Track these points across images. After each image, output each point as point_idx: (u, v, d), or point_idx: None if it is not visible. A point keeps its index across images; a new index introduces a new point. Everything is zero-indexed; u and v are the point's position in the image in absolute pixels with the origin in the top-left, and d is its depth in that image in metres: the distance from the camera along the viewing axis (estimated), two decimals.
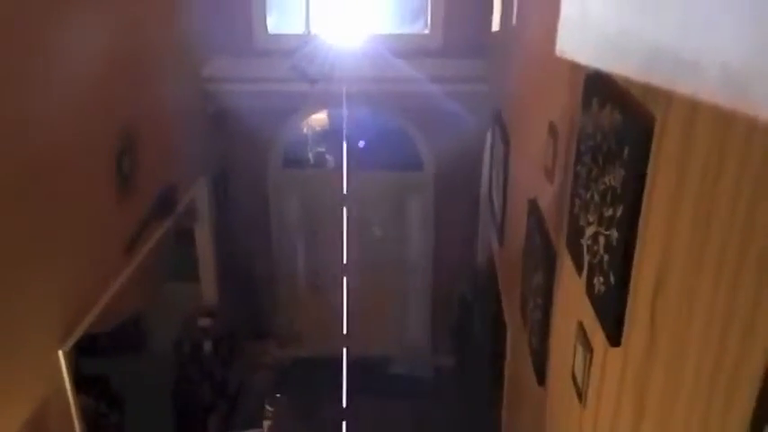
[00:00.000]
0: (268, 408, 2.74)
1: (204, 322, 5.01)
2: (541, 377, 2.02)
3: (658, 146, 1.06)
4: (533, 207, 2.19)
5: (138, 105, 3.62)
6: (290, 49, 3.40)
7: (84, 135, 3.01)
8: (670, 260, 1.01)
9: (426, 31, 4.84)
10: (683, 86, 1.01)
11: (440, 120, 4.93)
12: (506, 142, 3.10)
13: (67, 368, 2.94)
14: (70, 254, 2.93)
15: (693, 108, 0.94)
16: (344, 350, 5.58)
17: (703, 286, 0.88)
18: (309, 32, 3.24)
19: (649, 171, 1.09)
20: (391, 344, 5.81)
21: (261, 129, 5.24)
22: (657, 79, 1.12)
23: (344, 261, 5.63)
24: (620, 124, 1.19)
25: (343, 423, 4.90)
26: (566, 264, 1.66)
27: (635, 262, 1.16)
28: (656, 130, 1.06)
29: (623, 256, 1.17)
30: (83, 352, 4.46)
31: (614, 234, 1.21)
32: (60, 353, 2.88)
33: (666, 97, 1.03)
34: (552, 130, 1.92)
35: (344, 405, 5.16)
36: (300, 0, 4.77)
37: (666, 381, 1.00)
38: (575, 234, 1.51)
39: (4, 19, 2.39)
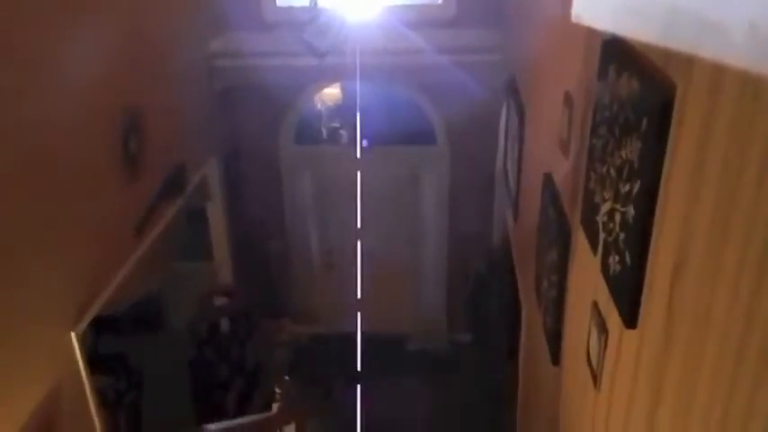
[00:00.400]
0: (277, 390, 2.72)
1: (220, 301, 5.02)
2: (556, 357, 1.96)
3: (679, 116, 0.97)
4: (548, 181, 2.11)
5: (144, 83, 3.56)
6: (300, 23, 3.31)
7: (88, 115, 2.96)
8: (690, 240, 0.93)
9: (439, 1, 4.70)
10: (707, 50, 0.92)
11: (454, 92, 4.82)
12: (521, 114, 3.00)
13: (80, 350, 2.95)
14: (80, 237, 2.91)
15: (718, 74, 0.85)
16: (359, 327, 5.56)
17: (726, 269, 0.81)
18: (318, 4, 3.14)
19: (669, 144, 1.01)
20: (406, 320, 5.79)
21: (272, 105, 5.17)
22: (678, 43, 1.03)
23: (359, 238, 5.58)
24: (637, 93, 1.10)
25: (358, 400, 4.91)
26: (580, 241, 1.59)
27: (652, 241, 1.08)
28: (678, 98, 0.98)
29: (640, 234, 1.10)
30: (102, 331, 4.51)
31: (631, 211, 1.13)
32: (73, 335, 2.88)
33: (688, 63, 0.95)
34: (568, 100, 1.83)
35: (359, 383, 5.16)
36: None
37: (685, 366, 0.94)
38: (590, 210, 1.43)
39: None
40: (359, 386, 5.17)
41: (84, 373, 2.98)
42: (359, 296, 5.67)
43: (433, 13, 4.70)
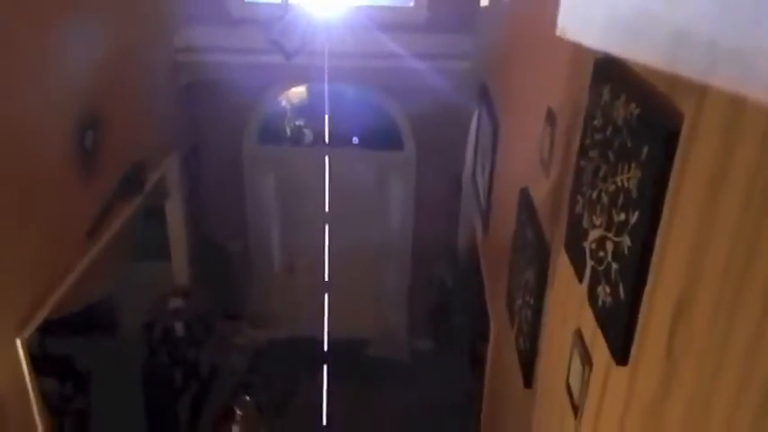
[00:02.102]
0: (237, 411, 2.61)
1: (176, 303, 4.84)
2: (529, 379, 1.91)
3: (687, 149, 0.92)
4: (525, 198, 2.06)
5: (103, 79, 3.39)
6: (268, 20, 3.19)
7: (42, 110, 2.79)
8: (698, 280, 0.88)
9: (411, 4, 4.64)
10: (721, 79, 0.87)
11: (423, 97, 4.76)
12: (494, 124, 2.95)
13: (26, 356, 2.78)
14: (29, 238, 2.74)
15: (736, 106, 0.80)
16: (325, 333, 5.46)
17: (744, 314, 0.75)
18: (287, 2, 3.03)
19: (673, 176, 0.95)
20: (368, 326, 5.71)
21: (235, 102, 5.02)
22: (685, 69, 0.97)
23: (325, 241, 5.47)
24: (638, 119, 1.05)
25: (323, 408, 4.81)
26: (562, 265, 1.54)
27: (650, 275, 1.03)
28: (685, 129, 0.92)
29: (637, 267, 1.04)
30: (51, 333, 4.28)
31: (626, 242, 1.08)
32: (18, 341, 2.71)
33: (699, 91, 0.89)
34: (550, 116, 1.78)
35: (324, 390, 5.06)
36: None
37: (687, 418, 0.88)
38: (575, 235, 1.38)
39: None
40: (320, 391, 5.06)
41: (28, 380, 2.82)
42: (322, 299, 5.56)
43: (404, 17, 4.64)
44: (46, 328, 3.86)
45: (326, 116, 5.18)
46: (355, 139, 5.38)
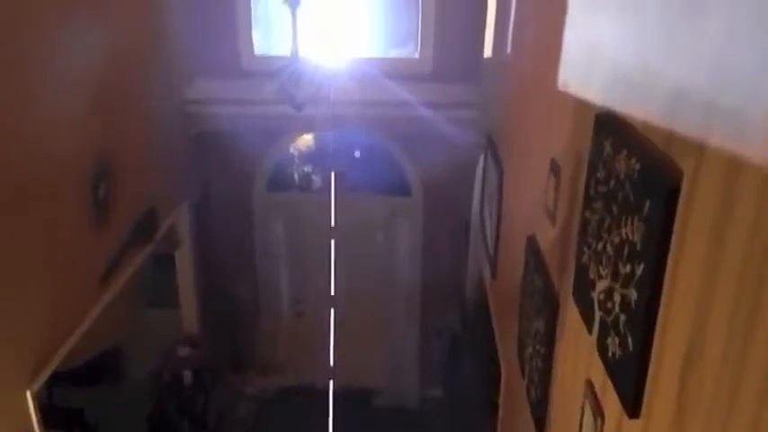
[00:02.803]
0: None
1: (184, 351, 4.83)
2: (541, 429, 1.89)
3: (687, 204, 0.94)
4: (532, 245, 2.08)
5: (116, 129, 3.48)
6: (278, 72, 3.29)
7: (56, 160, 2.86)
8: (705, 331, 0.89)
9: (416, 56, 4.76)
10: (719, 139, 0.90)
11: (429, 145, 4.85)
12: (500, 172, 3.00)
13: (35, 408, 2.77)
14: (40, 288, 2.77)
15: (735, 165, 0.82)
16: (331, 382, 5.40)
17: (751, 367, 0.76)
18: (296, 55, 3.13)
19: (676, 230, 0.98)
20: (377, 374, 5.65)
21: (245, 152, 5.11)
22: (684, 127, 1.01)
23: (332, 288, 5.48)
24: (639, 174, 1.08)
25: None
26: (571, 315, 1.55)
27: (658, 327, 1.04)
28: (685, 185, 0.95)
29: (644, 320, 1.05)
30: (60, 383, 4.26)
31: (633, 294, 1.09)
32: (28, 393, 2.70)
33: (698, 148, 0.92)
34: (554, 167, 1.82)
35: None
36: (288, 21, 4.67)
37: None
38: (583, 286, 1.39)
39: None
40: None
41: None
42: (330, 347, 5.52)
43: (410, 67, 4.75)
44: (55, 379, 3.86)
45: (332, 166, 5.27)
46: (362, 185, 5.44)
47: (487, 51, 3.97)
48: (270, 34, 4.98)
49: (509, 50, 2.92)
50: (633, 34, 1.18)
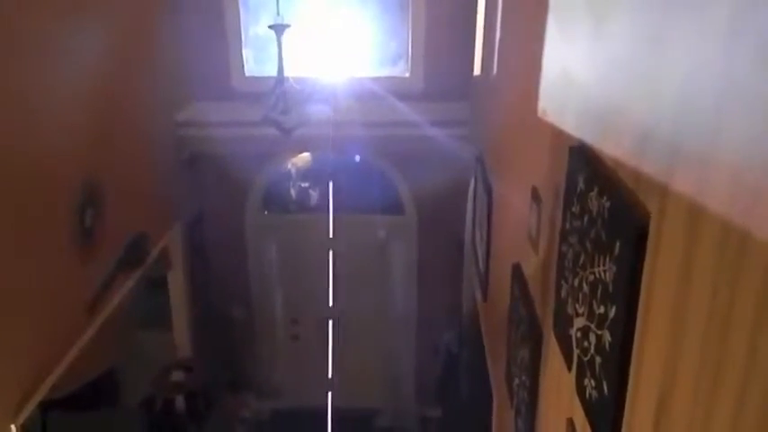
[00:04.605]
0: None
1: (178, 376, 4.78)
2: None
3: (655, 247, 0.91)
4: (517, 273, 2.05)
5: (106, 153, 3.46)
6: (266, 98, 3.28)
7: (41, 186, 2.83)
8: (676, 375, 0.86)
9: (407, 74, 4.75)
10: (680, 182, 0.87)
11: (422, 163, 4.83)
12: (489, 193, 2.97)
13: None
14: (24, 318, 2.73)
15: (697, 210, 0.79)
16: (329, 402, 5.34)
17: (720, 414, 0.73)
18: (282, 79, 3.11)
19: (645, 273, 0.94)
20: (375, 395, 5.58)
21: (239, 173, 5.09)
22: (649, 167, 0.98)
23: (330, 308, 5.43)
24: (609, 213, 1.05)
25: None
26: (552, 348, 1.51)
27: (632, 372, 1.00)
28: (652, 227, 0.92)
29: (618, 364, 1.02)
30: (51, 411, 4.21)
31: (607, 336, 1.06)
32: (13, 427, 2.66)
33: (663, 189, 0.89)
34: (535, 195, 1.79)
35: None
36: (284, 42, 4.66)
37: None
38: (562, 322, 1.36)
39: None
40: None
41: None
42: (328, 369, 5.47)
43: (401, 86, 4.74)
44: (46, 406, 3.81)
45: (329, 186, 5.25)
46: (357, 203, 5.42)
47: (477, 69, 3.95)
48: (262, 55, 4.97)
49: (495, 71, 2.90)
50: (602, 68, 1.16)
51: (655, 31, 0.91)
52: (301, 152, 5.25)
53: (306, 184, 5.88)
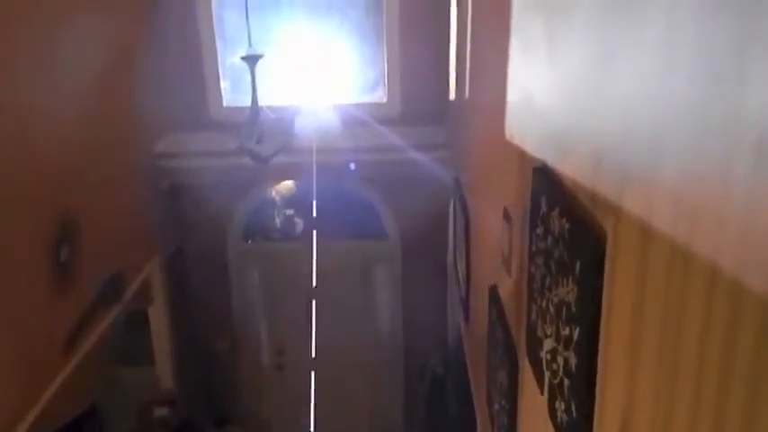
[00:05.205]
0: None
1: (161, 412, 4.68)
2: None
3: (612, 267, 0.91)
4: (494, 295, 2.04)
5: (82, 187, 3.43)
6: (241, 127, 3.28)
7: (13, 222, 2.79)
8: (636, 399, 0.85)
9: (384, 100, 4.79)
10: (630, 203, 0.88)
11: (402, 187, 4.84)
12: (466, 216, 2.98)
13: None
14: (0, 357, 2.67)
15: (645, 228, 0.80)
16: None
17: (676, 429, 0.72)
18: (256, 110, 3.12)
19: (605, 293, 0.94)
20: (363, 423, 5.51)
21: (219, 203, 5.07)
22: (604, 187, 0.99)
23: (315, 336, 5.37)
24: (569, 234, 1.05)
25: None
26: (527, 373, 1.50)
27: (597, 395, 0.99)
28: (609, 247, 0.92)
29: (584, 386, 1.01)
30: None
31: (573, 358, 1.05)
32: None
33: (616, 210, 0.90)
34: (507, 216, 1.79)
35: None
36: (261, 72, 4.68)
37: None
38: (534, 344, 1.35)
39: None
40: None
41: None
42: (314, 399, 5.39)
43: (379, 111, 4.78)
44: None
45: (314, 210, 5.23)
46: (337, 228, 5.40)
47: (451, 93, 3.99)
48: (239, 85, 4.99)
49: (467, 95, 2.93)
50: (557, 91, 1.17)
51: (600, 54, 0.92)
52: (281, 180, 5.24)
53: (290, 212, 5.86)
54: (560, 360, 1.13)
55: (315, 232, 5.24)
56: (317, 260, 5.30)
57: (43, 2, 3.07)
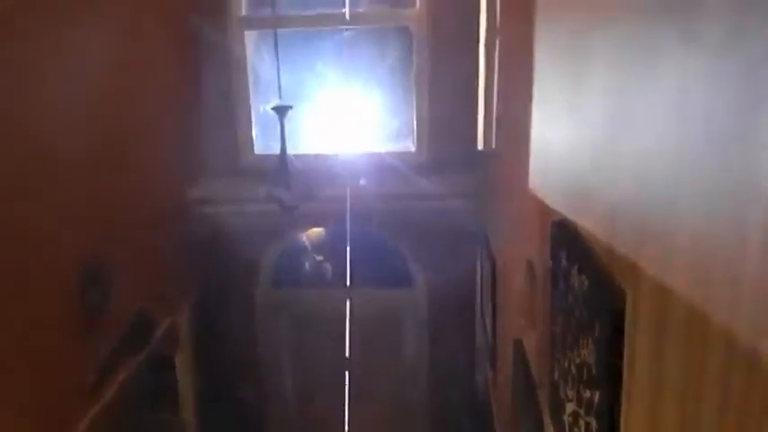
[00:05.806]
0: None
1: None
2: None
3: (632, 328, 0.88)
4: (519, 349, 1.98)
5: (113, 231, 3.48)
6: (269, 176, 3.33)
7: (43, 263, 2.83)
8: None
9: (412, 149, 4.82)
10: (648, 259, 0.84)
11: (430, 236, 4.81)
12: (493, 265, 2.93)
13: None
14: (21, 402, 2.68)
15: (664, 289, 0.77)
16: None
17: None
18: (284, 159, 3.17)
19: (626, 356, 0.90)
20: None
21: (248, 249, 5.11)
22: (621, 245, 0.96)
23: (344, 387, 5.30)
24: (588, 292, 1.02)
25: None
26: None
27: None
28: (628, 308, 0.89)
29: None
30: None
31: (594, 424, 1.00)
32: None
33: (634, 268, 0.87)
34: (530, 269, 1.76)
35: None
36: (289, 121, 4.79)
37: None
38: (556, 406, 1.30)
39: None
40: None
41: None
42: None
43: (407, 160, 4.80)
44: None
45: (348, 258, 5.23)
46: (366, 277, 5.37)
47: (480, 143, 4.00)
48: (271, 133, 5.09)
49: (494, 145, 2.93)
50: (575, 148, 1.15)
51: (615, 109, 0.91)
52: (310, 227, 5.27)
53: (320, 257, 5.87)
54: (582, 424, 1.08)
55: (349, 279, 5.22)
56: (345, 310, 5.27)
57: (90, 48, 3.20)
